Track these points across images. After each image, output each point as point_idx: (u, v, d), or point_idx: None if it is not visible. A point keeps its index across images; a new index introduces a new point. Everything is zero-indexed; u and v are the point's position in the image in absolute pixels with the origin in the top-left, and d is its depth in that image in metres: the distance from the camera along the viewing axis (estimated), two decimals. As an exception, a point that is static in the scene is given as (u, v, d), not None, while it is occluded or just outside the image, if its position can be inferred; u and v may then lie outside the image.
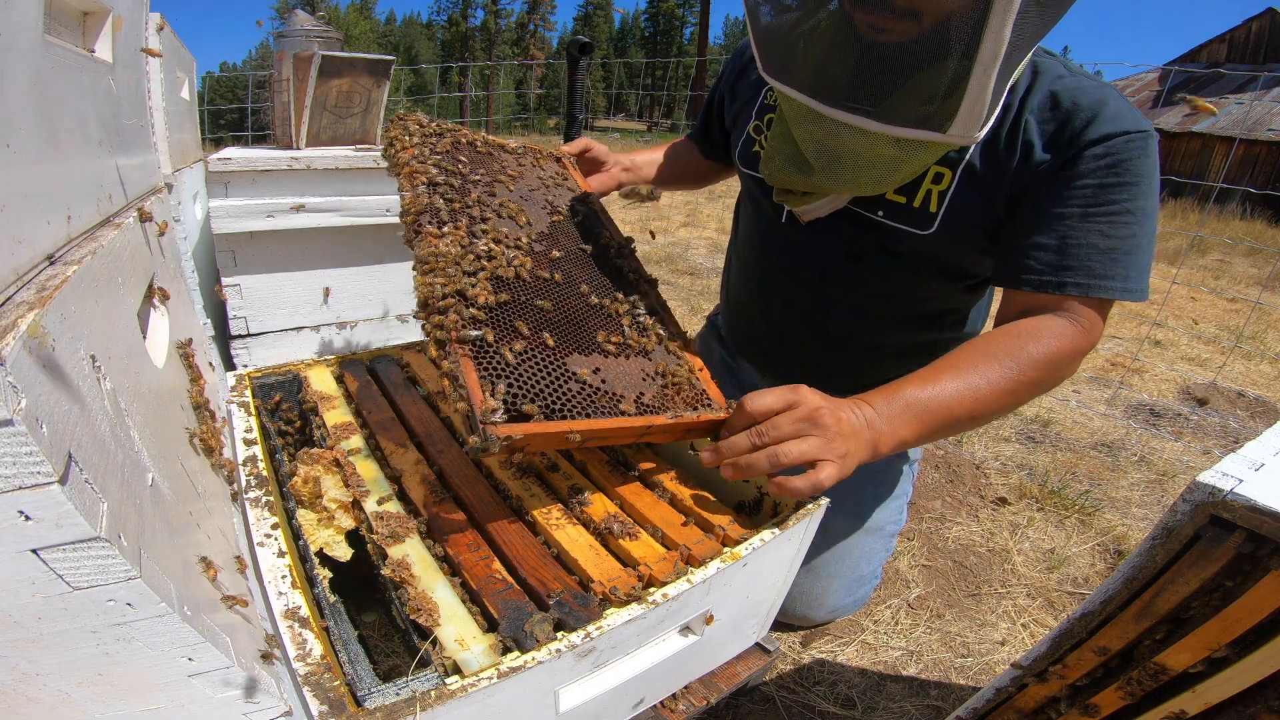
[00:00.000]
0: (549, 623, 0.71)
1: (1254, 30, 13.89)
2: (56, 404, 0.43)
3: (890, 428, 0.87)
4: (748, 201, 1.39)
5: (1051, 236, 0.93)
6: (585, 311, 0.98)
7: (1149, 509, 1.82)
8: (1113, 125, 0.91)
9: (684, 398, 0.96)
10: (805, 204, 1.13)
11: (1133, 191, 0.91)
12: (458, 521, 0.89)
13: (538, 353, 0.87)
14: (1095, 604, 0.57)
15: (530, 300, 0.92)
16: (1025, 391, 0.92)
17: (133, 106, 0.93)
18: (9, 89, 0.50)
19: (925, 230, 1.06)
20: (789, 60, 0.99)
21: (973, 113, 0.83)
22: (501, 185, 1.11)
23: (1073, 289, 0.93)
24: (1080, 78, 0.97)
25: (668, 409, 0.92)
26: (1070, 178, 0.93)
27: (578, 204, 1.20)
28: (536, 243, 1.02)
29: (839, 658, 1.24)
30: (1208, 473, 0.48)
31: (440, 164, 1.04)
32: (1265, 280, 5.16)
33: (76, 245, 0.63)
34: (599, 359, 0.93)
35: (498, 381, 0.80)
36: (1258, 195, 8.86)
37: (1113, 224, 0.92)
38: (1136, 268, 0.93)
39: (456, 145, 1.13)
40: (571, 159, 1.34)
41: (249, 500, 0.86)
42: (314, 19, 1.73)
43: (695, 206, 6.67)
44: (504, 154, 1.21)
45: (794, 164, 1.08)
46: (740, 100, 1.35)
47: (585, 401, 0.86)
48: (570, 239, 1.10)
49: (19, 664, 0.46)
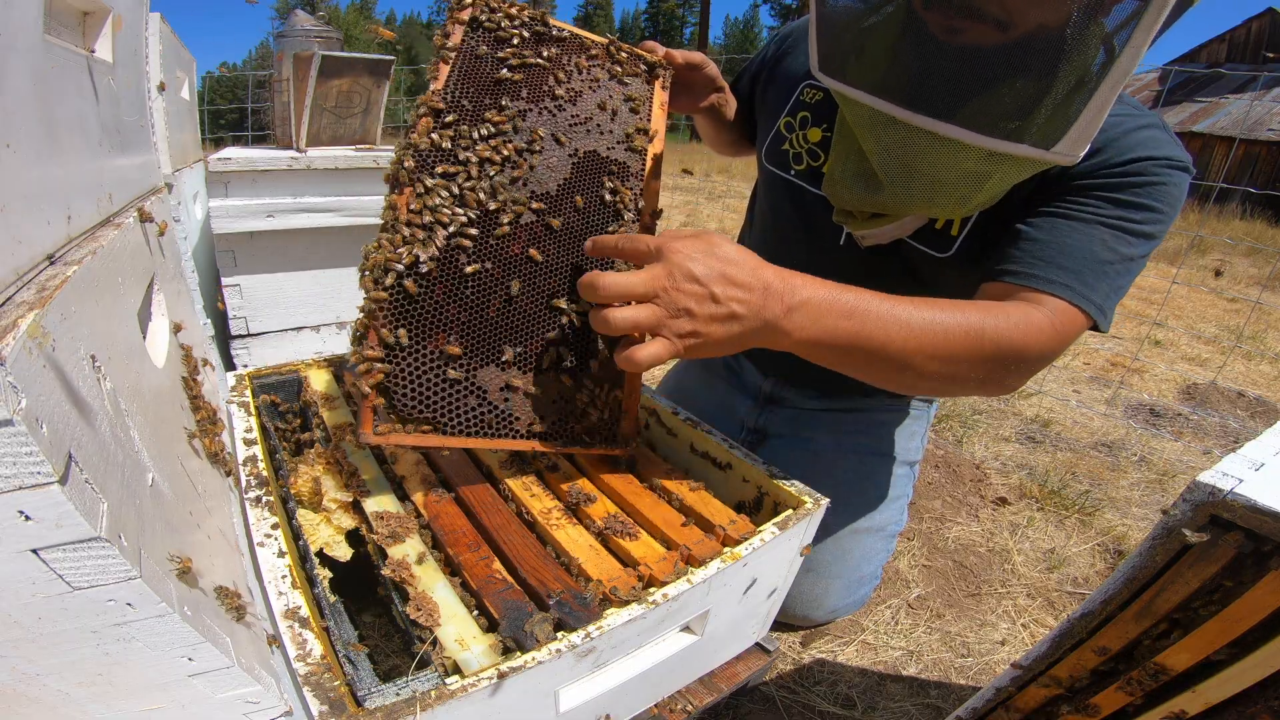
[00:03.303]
0: (549, 623, 0.71)
1: (1254, 30, 13.89)
2: (56, 404, 0.43)
3: (814, 321, 0.76)
4: (767, 203, 1.30)
5: (1051, 235, 0.88)
6: (535, 312, 0.90)
7: (1149, 509, 1.82)
8: (1147, 150, 0.86)
9: (586, 434, 0.95)
10: (870, 228, 1.03)
11: (1151, 217, 0.86)
12: (458, 521, 0.89)
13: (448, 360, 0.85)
14: (1095, 604, 0.57)
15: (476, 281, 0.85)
16: (970, 364, 0.82)
17: (133, 106, 0.93)
18: (9, 89, 0.50)
19: (943, 253, 1.02)
20: (854, 57, 0.89)
21: (1086, 131, 0.75)
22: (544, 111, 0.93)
23: (1059, 287, 0.85)
24: (1124, 104, 0.90)
25: (560, 439, 0.92)
26: (1088, 187, 0.87)
27: (624, 148, 0.99)
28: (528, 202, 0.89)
29: (839, 658, 1.24)
30: (1208, 473, 0.48)
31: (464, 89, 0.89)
32: (1265, 280, 5.16)
33: (76, 245, 0.63)
34: (516, 375, 0.89)
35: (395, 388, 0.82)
36: (1258, 195, 8.85)
37: (1118, 239, 0.86)
38: (1114, 293, 0.87)
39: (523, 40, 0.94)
40: (668, 73, 1.06)
41: (249, 500, 0.86)
42: (314, 19, 1.73)
43: (695, 206, 6.67)
44: (581, 58, 0.99)
45: (861, 181, 0.98)
46: (776, 88, 1.24)
47: (477, 421, 0.86)
48: (572, 202, 0.94)
49: (19, 664, 0.46)
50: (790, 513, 0.89)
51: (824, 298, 0.77)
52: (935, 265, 1.03)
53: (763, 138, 1.26)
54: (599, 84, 0.99)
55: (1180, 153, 0.87)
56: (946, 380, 0.85)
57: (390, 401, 0.82)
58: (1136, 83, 14.47)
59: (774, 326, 0.76)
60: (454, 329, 0.85)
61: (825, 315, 0.77)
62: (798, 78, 1.20)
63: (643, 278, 0.73)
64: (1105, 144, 0.87)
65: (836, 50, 0.91)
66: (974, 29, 0.77)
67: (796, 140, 1.18)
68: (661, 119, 1.04)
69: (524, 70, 0.94)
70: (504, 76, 0.92)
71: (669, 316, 0.73)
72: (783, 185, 1.21)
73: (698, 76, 1.14)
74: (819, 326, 0.77)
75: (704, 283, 0.72)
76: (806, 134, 1.17)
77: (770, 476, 0.96)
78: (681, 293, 0.72)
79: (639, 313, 0.73)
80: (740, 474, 1.01)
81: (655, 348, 0.74)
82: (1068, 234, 0.87)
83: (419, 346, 0.83)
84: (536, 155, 0.92)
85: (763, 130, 1.27)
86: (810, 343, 0.78)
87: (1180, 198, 0.87)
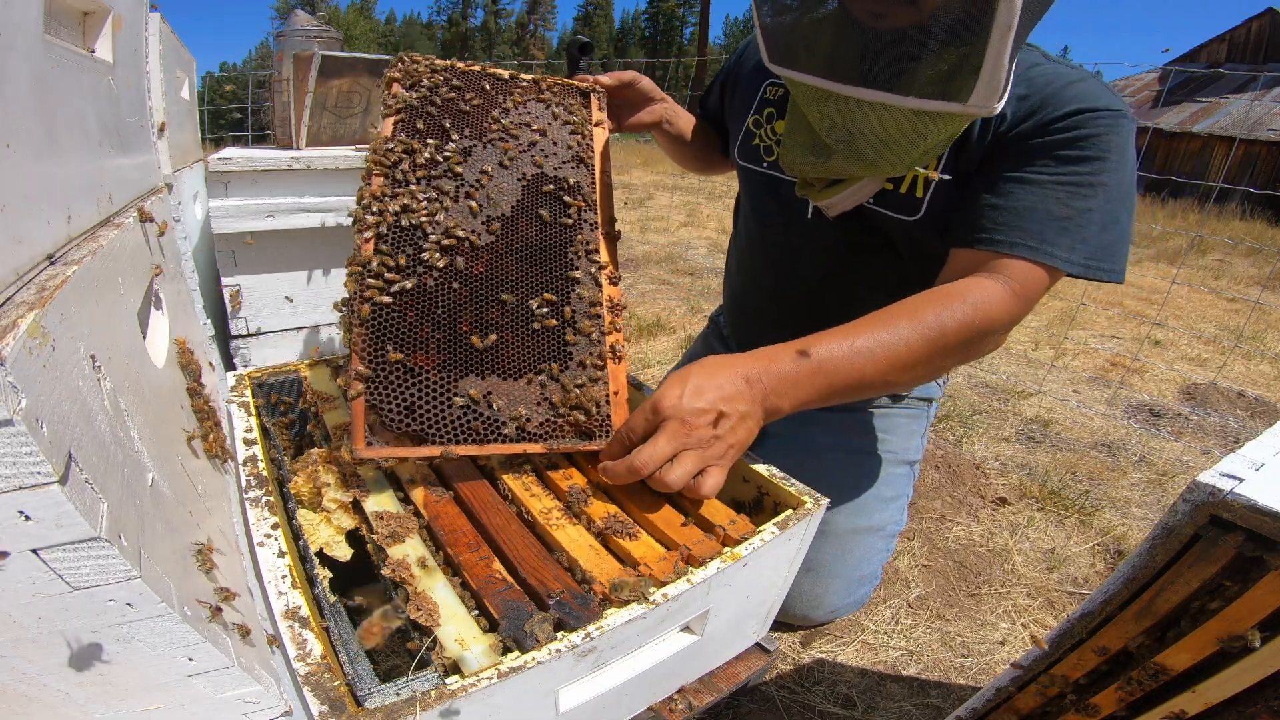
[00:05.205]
0: (549, 623, 0.71)
1: (1254, 30, 13.89)
2: (56, 404, 0.43)
3: (793, 392, 0.87)
4: (746, 199, 1.38)
5: (1006, 199, 0.94)
6: (499, 315, 0.94)
7: (1149, 509, 1.82)
8: (1082, 102, 0.92)
9: (578, 427, 0.95)
10: (830, 196, 1.11)
11: (1098, 166, 0.91)
12: (458, 521, 0.89)
13: (430, 371, 0.89)
14: (1095, 604, 0.57)
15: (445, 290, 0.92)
16: (942, 357, 0.91)
17: (133, 106, 0.93)
18: (9, 89, 0.50)
19: (913, 216, 1.07)
20: (795, 47, 1.00)
21: (992, 82, 0.84)
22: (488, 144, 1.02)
23: (1021, 249, 0.91)
24: (1057, 64, 0.99)
25: (551, 437, 0.93)
26: (1035, 148, 0.94)
27: (571, 165, 1.06)
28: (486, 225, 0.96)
29: (839, 658, 1.24)
30: (1208, 473, 0.48)
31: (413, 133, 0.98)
32: (1265, 280, 5.16)
33: (76, 245, 0.63)
34: (494, 380, 0.92)
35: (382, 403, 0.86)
36: (1258, 195, 8.86)
37: (1072, 195, 0.91)
38: (1094, 242, 0.92)
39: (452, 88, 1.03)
40: (602, 95, 1.15)
41: (249, 500, 0.86)
42: (314, 19, 1.73)
43: (695, 206, 6.67)
44: (511, 93, 1.07)
45: (811, 150, 1.08)
46: (741, 92, 1.35)
47: (463, 429, 0.89)
48: (528, 218, 1.00)
49: (19, 664, 0.46)
50: (790, 513, 0.89)
51: (787, 371, 0.87)
52: (907, 229, 1.09)
53: (734, 140, 1.34)
54: (536, 116, 1.08)
55: (1116, 101, 0.94)
56: (929, 375, 0.94)
57: (379, 416, 0.86)
58: (1137, 83, 14.49)
59: (772, 409, 0.87)
60: (430, 345, 0.90)
61: (798, 384, 0.87)
62: (759, 79, 1.30)
63: (664, 441, 0.83)
64: (1043, 101, 0.95)
65: (782, 43, 1.03)
66: (893, 12, 0.89)
67: (765, 134, 1.27)
68: (601, 135, 1.11)
69: (460, 115, 1.02)
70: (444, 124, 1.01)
71: (704, 450, 0.84)
72: (758, 179, 1.28)
73: (632, 93, 1.24)
74: (798, 394, 0.87)
75: (708, 410, 0.83)
76: (773, 127, 1.26)
77: (770, 476, 0.96)
78: (699, 429, 0.83)
79: (685, 465, 0.83)
80: (740, 474, 1.01)
81: (715, 478, 0.85)
82: (1023, 197, 0.93)
83: (399, 363, 0.88)
84: (489, 180, 0.99)
85: (734, 133, 1.36)
86: (802, 405, 0.89)
87: (1125, 142, 0.93)
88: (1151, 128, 10.52)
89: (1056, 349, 3.13)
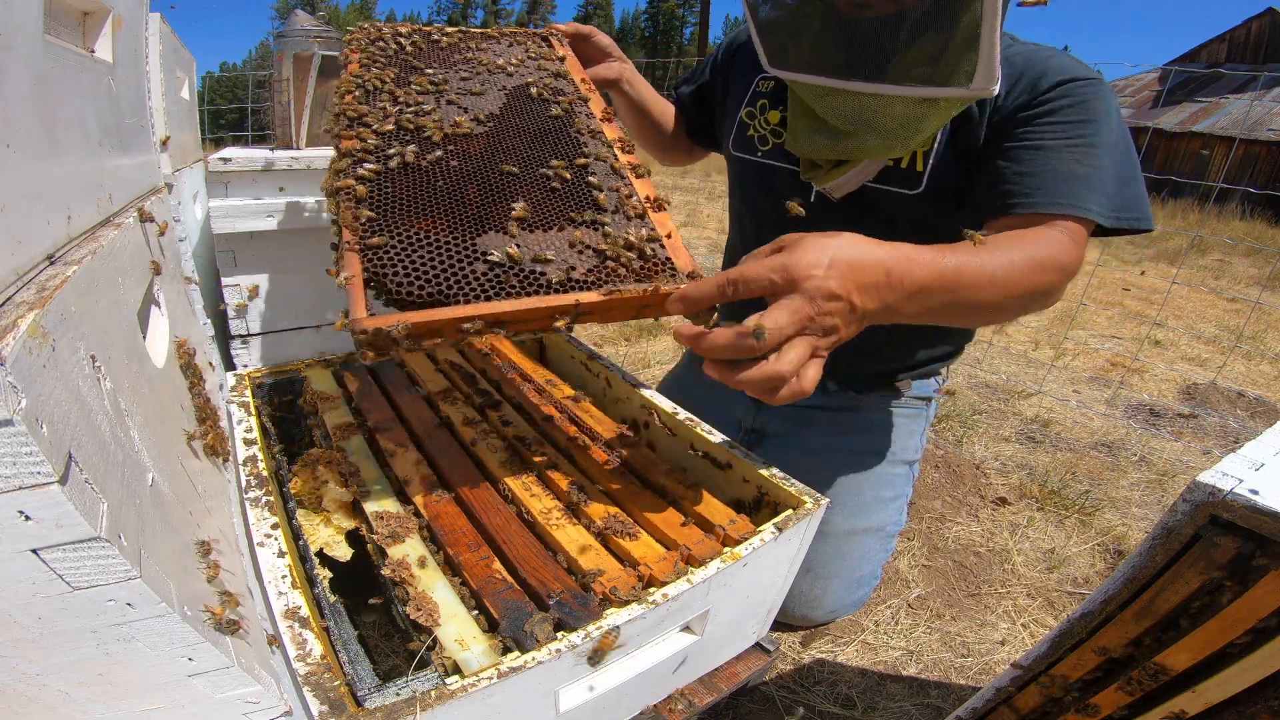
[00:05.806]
0: (549, 623, 0.71)
1: (1254, 30, 13.89)
2: (56, 404, 0.43)
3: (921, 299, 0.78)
4: (739, 194, 1.40)
5: (1027, 165, 0.97)
6: (512, 182, 0.87)
7: (1149, 509, 1.82)
8: (1064, 73, 0.99)
9: (634, 269, 0.81)
10: (835, 178, 1.14)
11: (1096, 128, 0.97)
12: (458, 521, 0.89)
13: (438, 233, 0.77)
14: (1095, 604, 0.57)
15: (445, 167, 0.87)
16: (1034, 294, 0.88)
17: (133, 106, 0.93)
18: (9, 89, 0.50)
19: (915, 190, 1.10)
20: (796, 50, 1.05)
21: (990, 64, 0.90)
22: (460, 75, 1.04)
23: (1060, 206, 0.94)
24: (1027, 45, 1.06)
25: (606, 282, 0.77)
26: (1039, 117, 0.99)
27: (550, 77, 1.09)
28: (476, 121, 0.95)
29: (839, 658, 1.24)
30: (1208, 473, 0.48)
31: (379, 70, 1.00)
32: (1265, 280, 5.16)
33: (76, 245, 0.63)
34: (520, 232, 0.80)
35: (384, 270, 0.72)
36: (1258, 195, 8.86)
37: (1085, 155, 0.96)
38: (1117, 196, 0.96)
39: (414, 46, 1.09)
40: (560, 37, 1.21)
41: (249, 500, 0.86)
42: (314, 19, 1.73)
43: (695, 206, 6.67)
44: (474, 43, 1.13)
45: (821, 133, 1.11)
46: (735, 88, 1.37)
47: (493, 283, 0.74)
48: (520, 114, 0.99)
49: (19, 664, 0.46)
50: (790, 513, 0.89)
51: (927, 277, 0.77)
52: (907, 204, 1.12)
53: (727, 133, 1.37)
54: (501, 54, 1.12)
55: (1089, 70, 1.01)
56: (1019, 310, 0.94)
57: (384, 288, 0.73)
58: (1136, 83, 14.47)
59: (889, 311, 0.77)
60: (437, 211, 0.80)
61: (928, 292, 0.78)
62: (751, 74, 1.33)
63: (789, 319, 0.69)
64: (1030, 77, 1.01)
65: (778, 46, 1.08)
66: (876, 3, 0.93)
67: (759, 124, 1.30)
68: (573, 63, 1.14)
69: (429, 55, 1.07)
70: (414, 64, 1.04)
71: (819, 339, 0.72)
72: (753, 169, 1.31)
73: (587, 47, 1.26)
74: (925, 301, 0.78)
75: (843, 296, 0.71)
76: (767, 117, 1.29)
77: (770, 476, 0.96)
78: (828, 315, 0.71)
79: (799, 354, 0.70)
80: (740, 474, 1.01)
81: (815, 371, 0.72)
82: (1043, 161, 0.97)
83: (402, 229, 0.77)
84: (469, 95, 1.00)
85: (726, 127, 1.39)
86: (912, 318, 0.81)
87: (1110, 102, 0.99)
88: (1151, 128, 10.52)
89: (1056, 349, 3.13)
